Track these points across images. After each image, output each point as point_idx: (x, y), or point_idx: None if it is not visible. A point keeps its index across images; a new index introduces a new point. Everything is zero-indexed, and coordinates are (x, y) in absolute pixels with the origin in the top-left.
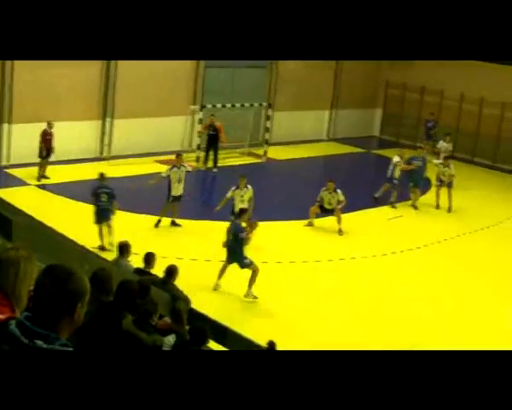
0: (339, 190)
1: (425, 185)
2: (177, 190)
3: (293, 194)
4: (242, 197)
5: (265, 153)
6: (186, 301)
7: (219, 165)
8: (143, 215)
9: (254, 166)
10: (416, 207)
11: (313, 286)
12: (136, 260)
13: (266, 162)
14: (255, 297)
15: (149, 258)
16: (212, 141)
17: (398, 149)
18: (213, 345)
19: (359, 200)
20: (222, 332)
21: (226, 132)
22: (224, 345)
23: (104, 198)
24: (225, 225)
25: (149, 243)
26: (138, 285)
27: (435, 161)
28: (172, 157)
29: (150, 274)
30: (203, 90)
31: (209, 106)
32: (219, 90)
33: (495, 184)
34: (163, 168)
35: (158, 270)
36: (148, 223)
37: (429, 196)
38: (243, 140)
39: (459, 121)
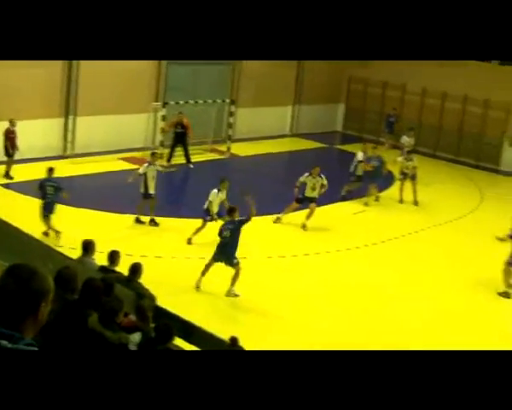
0: (323, 175)
1: (387, 180)
2: (152, 187)
3: (258, 190)
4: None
5: (229, 149)
6: (151, 298)
7: (182, 162)
8: (108, 213)
9: (217, 163)
10: (367, 204)
11: (284, 281)
12: (100, 258)
13: (229, 158)
14: (236, 295)
15: (114, 256)
16: (181, 138)
17: (362, 144)
18: (179, 342)
19: (323, 195)
20: (188, 330)
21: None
22: (190, 343)
23: (50, 191)
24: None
25: (114, 241)
26: (103, 283)
27: (398, 159)
28: (136, 154)
29: (115, 272)
30: (166, 86)
31: (172, 103)
32: (182, 87)
33: (458, 177)
34: (126, 165)
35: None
36: (113, 221)
37: (392, 191)
38: (206, 136)
39: (421, 116)
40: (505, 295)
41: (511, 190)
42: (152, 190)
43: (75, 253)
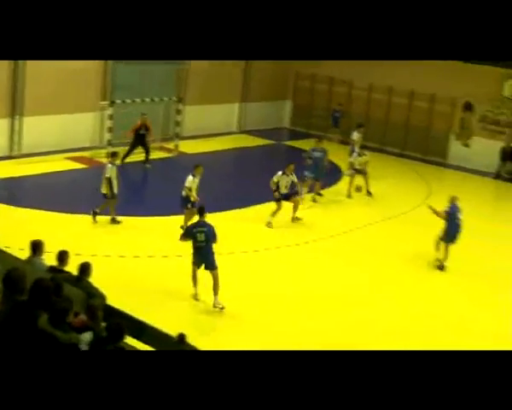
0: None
1: (334, 175)
2: (116, 187)
3: (206, 187)
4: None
5: (177, 147)
6: (101, 297)
7: (129, 160)
8: (56, 213)
9: (166, 161)
10: (315, 200)
11: (248, 277)
12: (49, 259)
13: (178, 156)
14: (222, 308)
15: (63, 256)
16: (142, 139)
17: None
18: (131, 341)
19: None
20: (139, 328)
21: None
22: (141, 341)
23: None
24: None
25: (63, 241)
26: (52, 283)
27: (352, 159)
28: (83, 154)
29: (64, 272)
30: (112, 85)
31: (119, 101)
32: (129, 86)
33: (405, 171)
34: (74, 165)
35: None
36: (62, 220)
37: (340, 186)
38: (154, 135)
39: (368, 111)
40: (440, 267)
41: (458, 183)
42: (115, 190)
43: (23, 253)
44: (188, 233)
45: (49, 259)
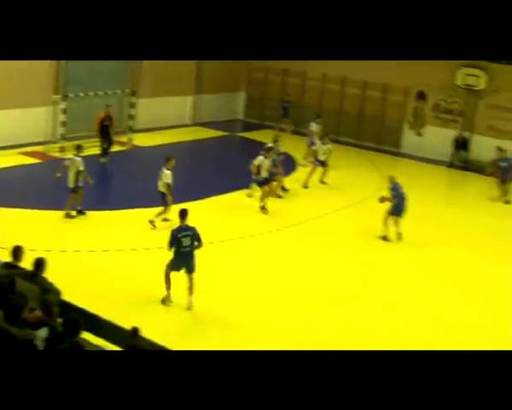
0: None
1: (289, 166)
2: (81, 180)
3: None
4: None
5: (130, 140)
6: (56, 293)
7: (83, 154)
8: (10, 208)
9: (120, 154)
10: (279, 196)
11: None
12: (3, 255)
13: (132, 149)
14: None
15: (17, 252)
16: (107, 131)
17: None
18: (87, 336)
19: (227, 182)
20: (94, 322)
21: (90, 121)
22: (97, 335)
23: None
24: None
25: (17, 236)
26: (6, 279)
27: (315, 147)
28: (37, 148)
29: (18, 268)
30: (65, 79)
31: (71, 95)
32: (82, 80)
33: (360, 161)
34: (28, 160)
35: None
36: (16, 216)
37: (297, 175)
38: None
39: (322, 101)
40: (384, 238)
41: (412, 171)
42: (81, 183)
43: None
44: (173, 240)
45: (4, 255)
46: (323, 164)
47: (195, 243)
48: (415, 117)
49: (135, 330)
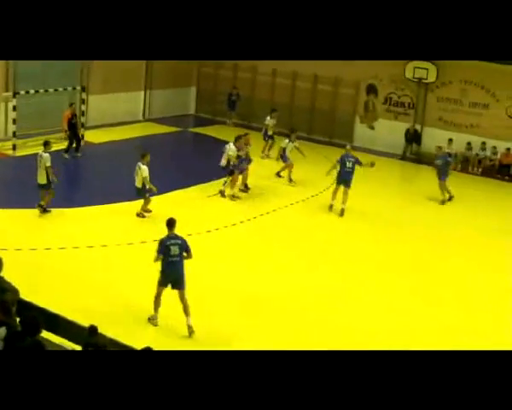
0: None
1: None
2: (51, 175)
3: (114, 176)
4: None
5: (82, 137)
6: (14, 292)
7: (36, 152)
8: None
9: (71, 151)
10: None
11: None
12: None
13: (83, 146)
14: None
15: None
16: (74, 129)
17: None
18: (46, 334)
19: (182, 178)
20: (54, 321)
21: (41, 118)
22: (56, 334)
23: None
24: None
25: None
26: None
27: (284, 144)
28: None
29: None
30: (15, 76)
31: (22, 92)
32: (32, 76)
33: (312, 155)
34: None
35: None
36: None
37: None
38: (59, 125)
39: (273, 96)
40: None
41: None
42: (51, 179)
43: None
44: (161, 248)
45: None
46: (281, 156)
47: (184, 254)
48: (366, 110)
49: (92, 329)
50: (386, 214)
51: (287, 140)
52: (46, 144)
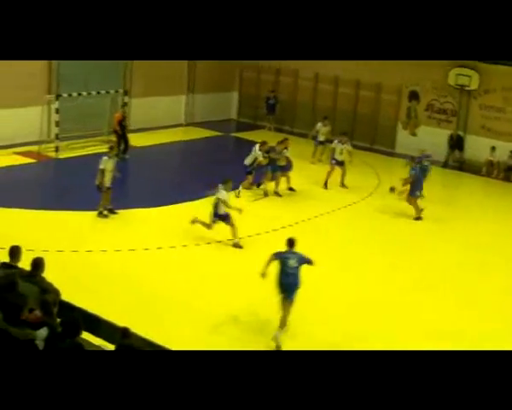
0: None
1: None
2: (109, 180)
3: (156, 180)
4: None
5: (121, 134)
6: (55, 292)
7: (78, 154)
8: (7, 209)
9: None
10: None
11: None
12: (2, 255)
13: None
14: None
15: (15, 251)
16: (124, 130)
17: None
18: (86, 336)
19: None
20: (95, 322)
21: (83, 121)
22: (97, 335)
23: None
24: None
25: (16, 237)
26: (5, 280)
27: (333, 145)
28: (31, 148)
29: (16, 268)
30: (58, 79)
31: (65, 95)
32: (75, 79)
33: (354, 161)
34: (22, 160)
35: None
36: (13, 216)
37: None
38: (101, 128)
39: (315, 101)
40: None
41: (407, 172)
42: (108, 183)
43: None
44: (275, 257)
45: (3, 255)
46: (341, 164)
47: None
48: (408, 117)
49: (124, 331)
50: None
51: (336, 141)
52: (111, 148)
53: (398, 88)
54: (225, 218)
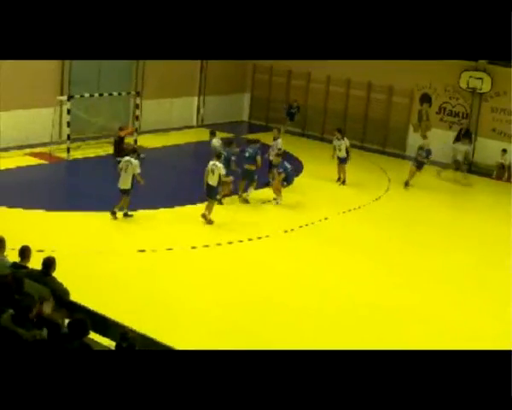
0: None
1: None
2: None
3: (167, 181)
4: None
5: (136, 141)
6: (65, 293)
7: (91, 155)
8: (18, 209)
9: None
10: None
11: (196, 272)
12: (12, 255)
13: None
14: None
15: (25, 252)
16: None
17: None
18: (94, 336)
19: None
20: (102, 323)
21: (95, 122)
22: (105, 336)
23: None
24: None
25: (26, 237)
26: (13, 280)
27: (335, 143)
28: (43, 149)
29: (26, 268)
30: (70, 79)
31: (77, 96)
32: (87, 80)
33: (365, 163)
34: (34, 161)
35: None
36: (24, 216)
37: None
38: (113, 129)
39: (327, 103)
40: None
41: (417, 174)
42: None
43: None
44: None
45: (13, 256)
46: (342, 161)
47: None
48: (419, 120)
49: (122, 335)
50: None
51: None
52: (134, 151)
53: (409, 91)
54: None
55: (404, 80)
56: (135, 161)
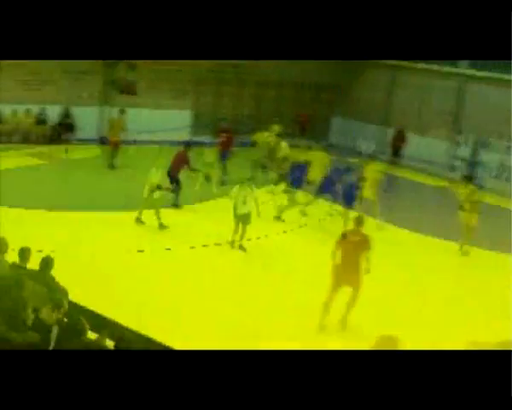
0: None
1: None
2: None
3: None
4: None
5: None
6: (62, 292)
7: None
8: (19, 209)
9: None
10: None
11: (195, 272)
12: (12, 256)
13: None
14: None
15: (24, 253)
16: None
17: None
18: (92, 336)
19: None
20: (100, 323)
21: None
22: (103, 336)
23: None
24: None
25: (26, 238)
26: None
27: None
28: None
29: (25, 269)
30: None
31: None
32: None
33: None
34: (35, 161)
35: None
36: (24, 217)
37: None
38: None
39: None
40: None
41: None
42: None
43: None
44: None
45: (13, 256)
46: None
47: None
48: None
49: (118, 339)
50: None
51: None
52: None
53: None
54: None
55: None
56: None
